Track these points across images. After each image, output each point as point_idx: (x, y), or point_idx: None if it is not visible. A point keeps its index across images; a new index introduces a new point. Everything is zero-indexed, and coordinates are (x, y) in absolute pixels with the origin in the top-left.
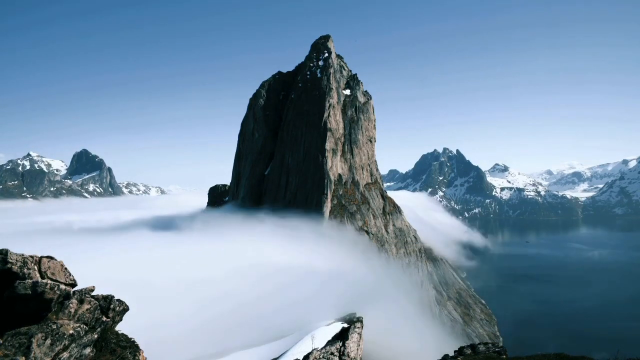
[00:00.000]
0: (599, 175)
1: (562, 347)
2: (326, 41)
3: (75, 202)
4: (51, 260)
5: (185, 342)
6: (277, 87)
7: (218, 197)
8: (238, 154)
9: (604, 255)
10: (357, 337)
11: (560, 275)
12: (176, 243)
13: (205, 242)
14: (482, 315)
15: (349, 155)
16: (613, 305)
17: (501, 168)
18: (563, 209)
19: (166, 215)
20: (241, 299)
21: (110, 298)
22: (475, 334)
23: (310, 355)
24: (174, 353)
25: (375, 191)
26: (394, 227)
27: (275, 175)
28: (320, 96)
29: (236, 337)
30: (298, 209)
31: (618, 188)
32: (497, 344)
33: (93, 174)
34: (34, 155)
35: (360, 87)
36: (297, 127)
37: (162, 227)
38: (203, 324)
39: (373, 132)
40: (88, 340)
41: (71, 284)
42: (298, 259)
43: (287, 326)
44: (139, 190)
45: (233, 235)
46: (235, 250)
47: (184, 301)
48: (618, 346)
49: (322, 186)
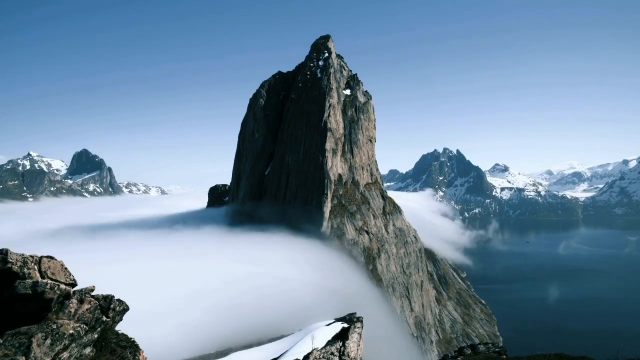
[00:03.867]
0: (599, 175)
1: (562, 347)
2: (326, 41)
3: (75, 201)
4: (51, 260)
5: (185, 342)
6: (277, 87)
7: (218, 197)
8: (238, 154)
9: (604, 255)
10: (357, 337)
11: (560, 275)
12: (175, 248)
13: (201, 251)
14: (482, 315)
15: (349, 155)
16: (613, 305)
17: (501, 168)
18: (563, 209)
19: (166, 216)
20: (241, 300)
21: (111, 298)
22: (475, 334)
23: (310, 355)
24: (174, 353)
25: (375, 191)
26: (394, 227)
27: (275, 175)
28: (321, 96)
29: (236, 337)
30: (296, 213)
31: (618, 188)
32: (497, 344)
33: (93, 173)
34: (34, 155)
35: (361, 87)
36: (297, 127)
37: (163, 229)
38: (203, 324)
39: (373, 132)
40: (88, 340)
41: (71, 283)
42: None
43: (287, 326)
44: (139, 190)
45: (225, 249)
46: (226, 261)
47: (184, 301)
48: (618, 346)
49: (322, 186)
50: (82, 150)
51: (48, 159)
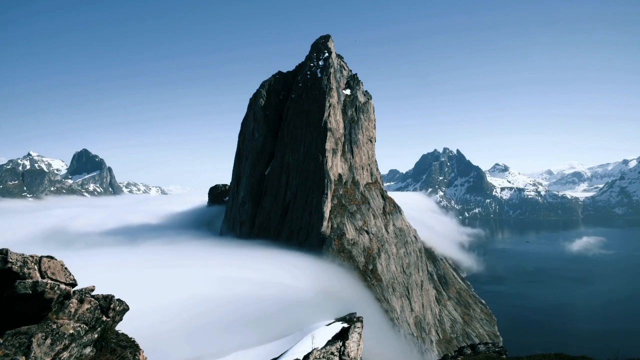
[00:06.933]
0: (599, 175)
1: (562, 347)
2: (326, 41)
3: (74, 200)
4: (51, 260)
5: (186, 342)
6: (277, 87)
7: (218, 196)
8: (238, 154)
9: (604, 255)
10: (357, 336)
11: (560, 275)
12: (175, 251)
13: (200, 254)
14: (482, 315)
15: (349, 155)
16: (613, 305)
17: (501, 168)
18: (563, 209)
19: (168, 215)
20: (241, 300)
21: (111, 298)
22: (475, 334)
23: (310, 355)
24: (174, 353)
25: (376, 191)
26: (394, 227)
27: (276, 175)
28: (321, 96)
29: (236, 337)
30: (296, 214)
31: (618, 188)
32: (497, 344)
33: (93, 173)
34: (34, 154)
35: (361, 87)
36: (297, 127)
37: (163, 231)
38: (203, 324)
39: (373, 132)
40: (88, 340)
41: (71, 283)
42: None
43: (287, 326)
44: (139, 190)
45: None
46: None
47: (183, 301)
48: (618, 346)
49: (322, 186)
50: (82, 150)
51: (48, 159)
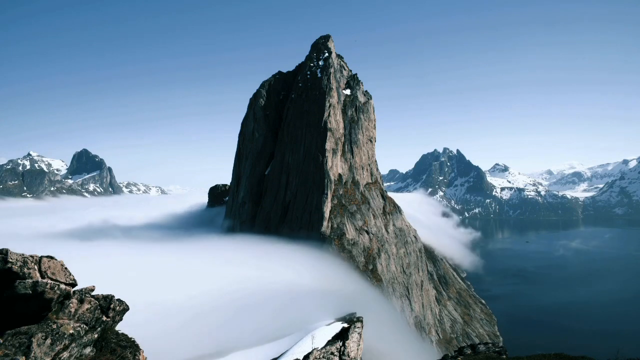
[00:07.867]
0: (599, 175)
1: (562, 347)
2: (326, 41)
3: (73, 200)
4: (51, 259)
5: (186, 342)
6: (277, 87)
7: (218, 197)
8: (238, 154)
9: (604, 255)
10: (357, 336)
11: (560, 275)
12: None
13: (200, 254)
14: (482, 315)
15: (349, 155)
16: (613, 305)
17: (501, 168)
18: (563, 209)
19: (167, 215)
20: (241, 300)
21: (111, 298)
22: (475, 334)
23: (310, 355)
24: (174, 353)
25: (376, 191)
26: (394, 227)
27: (276, 175)
28: (321, 96)
29: (236, 337)
30: (296, 214)
31: (618, 188)
32: (497, 344)
33: (93, 173)
34: (34, 155)
35: (361, 87)
36: (297, 127)
37: (163, 231)
38: (203, 324)
39: (373, 132)
40: (88, 340)
41: (71, 283)
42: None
43: (287, 326)
44: (139, 190)
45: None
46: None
47: (183, 301)
48: (618, 346)
49: (322, 186)
50: (82, 150)
51: (48, 159)
